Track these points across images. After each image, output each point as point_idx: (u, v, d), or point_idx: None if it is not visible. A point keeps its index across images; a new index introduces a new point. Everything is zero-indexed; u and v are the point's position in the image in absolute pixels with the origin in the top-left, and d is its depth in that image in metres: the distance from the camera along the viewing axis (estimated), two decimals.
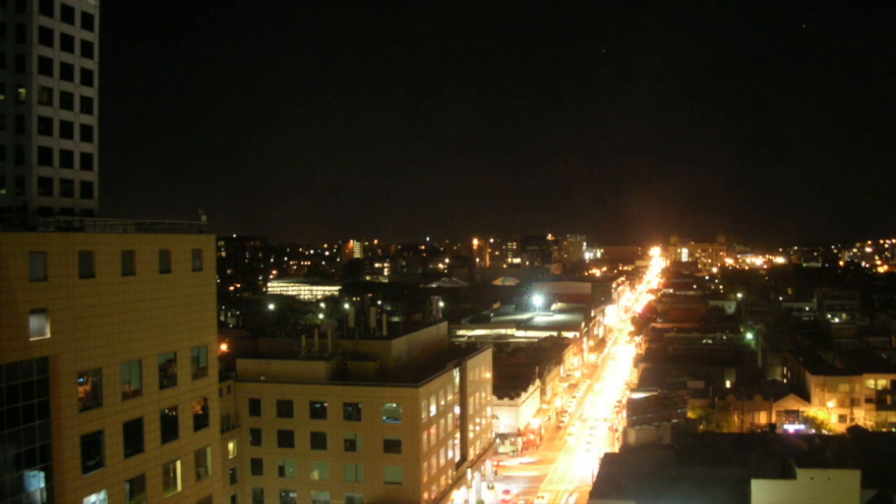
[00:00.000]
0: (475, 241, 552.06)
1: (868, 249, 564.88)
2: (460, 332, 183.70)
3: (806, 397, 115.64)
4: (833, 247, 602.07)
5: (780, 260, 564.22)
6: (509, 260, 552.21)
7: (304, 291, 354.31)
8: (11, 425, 44.75)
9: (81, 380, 49.15)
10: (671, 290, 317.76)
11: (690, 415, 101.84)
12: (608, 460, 74.84)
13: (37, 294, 46.07)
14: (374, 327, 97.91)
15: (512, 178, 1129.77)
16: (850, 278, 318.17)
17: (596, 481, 68.89)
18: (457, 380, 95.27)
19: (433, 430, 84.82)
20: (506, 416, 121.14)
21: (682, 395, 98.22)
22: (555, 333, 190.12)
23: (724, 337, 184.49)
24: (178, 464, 56.78)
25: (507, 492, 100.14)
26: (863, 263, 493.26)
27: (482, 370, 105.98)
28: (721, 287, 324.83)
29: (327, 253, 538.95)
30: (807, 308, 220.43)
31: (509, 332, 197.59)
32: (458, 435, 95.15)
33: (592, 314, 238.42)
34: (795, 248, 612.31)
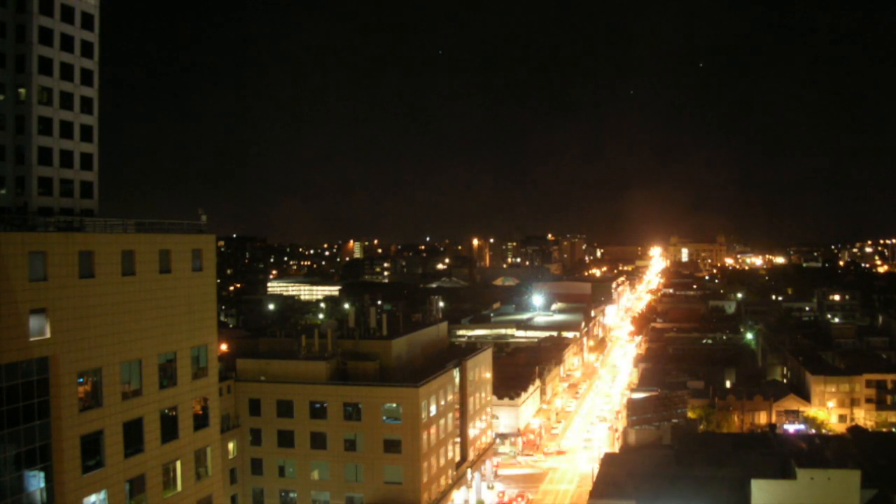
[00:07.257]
0: (475, 241, 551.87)
1: (868, 249, 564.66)
2: (460, 332, 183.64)
3: (806, 397, 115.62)
4: (833, 247, 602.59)
5: (780, 260, 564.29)
6: (509, 260, 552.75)
7: (304, 291, 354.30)
8: (11, 425, 44.72)
9: (81, 380, 49.14)
10: (671, 290, 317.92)
11: (690, 415, 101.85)
12: (608, 460, 74.91)
13: (37, 294, 46.05)
14: (374, 327, 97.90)
15: (512, 179, 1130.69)
16: (850, 278, 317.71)
17: (596, 481, 68.92)
18: (457, 380, 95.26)
19: (433, 430, 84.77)
20: (506, 416, 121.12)
21: (682, 395, 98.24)
22: (555, 333, 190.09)
23: (724, 337, 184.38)
24: (178, 464, 56.78)
25: (501, 493, 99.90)
26: (863, 263, 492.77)
27: (482, 370, 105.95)
28: (721, 287, 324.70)
29: (327, 253, 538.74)
30: (807, 308, 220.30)
31: (509, 332, 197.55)
32: (458, 435, 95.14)
33: (592, 314, 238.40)
34: (795, 248, 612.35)
